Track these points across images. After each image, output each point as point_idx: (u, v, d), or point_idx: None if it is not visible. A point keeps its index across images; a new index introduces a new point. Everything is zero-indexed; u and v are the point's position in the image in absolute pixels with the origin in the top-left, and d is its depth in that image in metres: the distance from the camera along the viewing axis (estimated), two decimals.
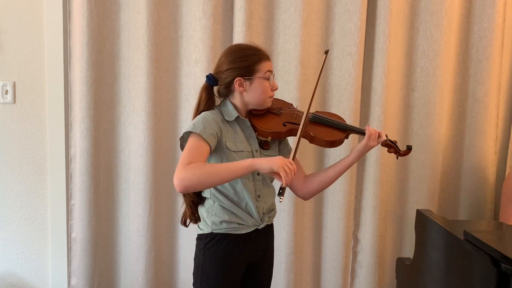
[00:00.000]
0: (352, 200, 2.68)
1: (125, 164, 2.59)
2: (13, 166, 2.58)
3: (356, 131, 1.90)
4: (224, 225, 1.74)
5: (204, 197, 1.79)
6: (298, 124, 1.78)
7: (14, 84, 2.53)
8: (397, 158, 1.98)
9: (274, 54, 2.55)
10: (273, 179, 1.83)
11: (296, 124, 1.80)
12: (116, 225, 2.64)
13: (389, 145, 1.90)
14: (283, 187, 1.59)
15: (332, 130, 1.87)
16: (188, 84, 2.53)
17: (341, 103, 2.58)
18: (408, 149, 1.92)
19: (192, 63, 2.49)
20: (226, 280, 1.76)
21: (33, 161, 2.58)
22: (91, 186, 2.54)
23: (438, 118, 2.66)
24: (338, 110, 2.57)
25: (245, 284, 1.85)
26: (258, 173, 1.78)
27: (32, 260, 2.65)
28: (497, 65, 2.68)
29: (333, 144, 1.87)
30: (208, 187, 1.72)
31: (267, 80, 1.76)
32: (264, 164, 1.58)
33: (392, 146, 1.90)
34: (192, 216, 1.83)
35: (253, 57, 1.74)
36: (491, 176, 2.76)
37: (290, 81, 2.54)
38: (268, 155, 1.81)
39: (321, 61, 2.57)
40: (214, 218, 1.75)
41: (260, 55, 1.76)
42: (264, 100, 1.79)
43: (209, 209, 1.76)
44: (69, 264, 2.63)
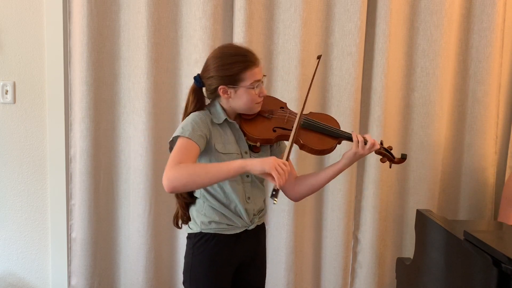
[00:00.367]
0: (352, 200, 2.68)
1: (125, 164, 2.58)
2: (13, 166, 2.58)
3: (347, 138, 1.80)
4: (213, 225, 1.74)
5: (196, 197, 1.79)
6: (289, 129, 1.72)
7: (14, 84, 2.53)
8: (390, 167, 1.89)
9: (274, 54, 2.55)
10: (264, 180, 1.79)
11: (286, 130, 1.75)
12: (116, 225, 2.64)
13: (383, 154, 1.82)
14: (277, 189, 1.55)
15: (324, 137, 1.79)
16: (188, 84, 2.47)
17: (341, 103, 2.58)
18: (403, 158, 1.84)
19: (192, 63, 2.49)
20: (215, 280, 1.75)
21: (33, 161, 2.58)
22: (91, 186, 2.54)
23: (438, 118, 2.66)
24: (338, 110, 2.57)
25: (237, 286, 1.83)
26: (248, 175, 1.75)
27: (32, 260, 2.65)
28: (497, 65, 2.68)
29: (323, 153, 1.81)
30: (197, 188, 1.71)
31: (254, 89, 1.69)
32: (256, 165, 1.54)
33: (386, 155, 1.82)
34: (184, 217, 1.83)
35: (238, 66, 1.67)
36: (491, 176, 2.76)
37: (290, 81, 2.54)
38: (258, 158, 1.74)
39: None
40: (203, 218, 1.75)
41: (247, 63, 1.68)
42: (251, 107, 1.74)
43: (199, 209, 1.76)
44: (69, 264, 2.63)
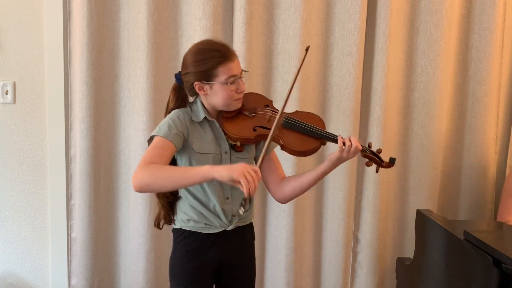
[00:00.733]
0: (352, 200, 2.68)
1: (125, 164, 2.58)
2: (13, 166, 2.57)
3: (331, 139, 1.69)
4: (192, 224, 1.75)
5: (179, 196, 1.78)
6: (270, 129, 1.65)
7: (14, 84, 2.53)
8: (377, 171, 1.77)
9: (274, 54, 2.55)
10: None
11: (268, 129, 1.67)
12: (116, 225, 2.64)
13: (369, 157, 1.72)
14: (245, 198, 1.48)
15: (306, 138, 1.70)
16: None
17: (341, 103, 2.58)
18: (391, 162, 1.73)
19: None
20: (190, 276, 1.75)
21: (33, 161, 2.58)
22: (91, 186, 2.54)
23: (438, 118, 2.66)
24: (338, 110, 2.57)
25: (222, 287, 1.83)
26: None
27: (32, 260, 2.65)
28: (497, 65, 2.68)
29: (305, 154, 1.71)
30: (163, 191, 1.70)
31: (230, 84, 1.65)
32: (222, 172, 1.46)
33: (372, 159, 1.72)
34: (167, 217, 1.82)
35: (212, 61, 1.63)
36: (491, 176, 2.76)
37: (290, 81, 2.53)
38: (240, 157, 1.72)
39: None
40: (183, 216, 1.76)
41: (221, 58, 1.64)
42: (228, 104, 1.69)
43: (181, 206, 1.77)
44: (69, 264, 2.62)
